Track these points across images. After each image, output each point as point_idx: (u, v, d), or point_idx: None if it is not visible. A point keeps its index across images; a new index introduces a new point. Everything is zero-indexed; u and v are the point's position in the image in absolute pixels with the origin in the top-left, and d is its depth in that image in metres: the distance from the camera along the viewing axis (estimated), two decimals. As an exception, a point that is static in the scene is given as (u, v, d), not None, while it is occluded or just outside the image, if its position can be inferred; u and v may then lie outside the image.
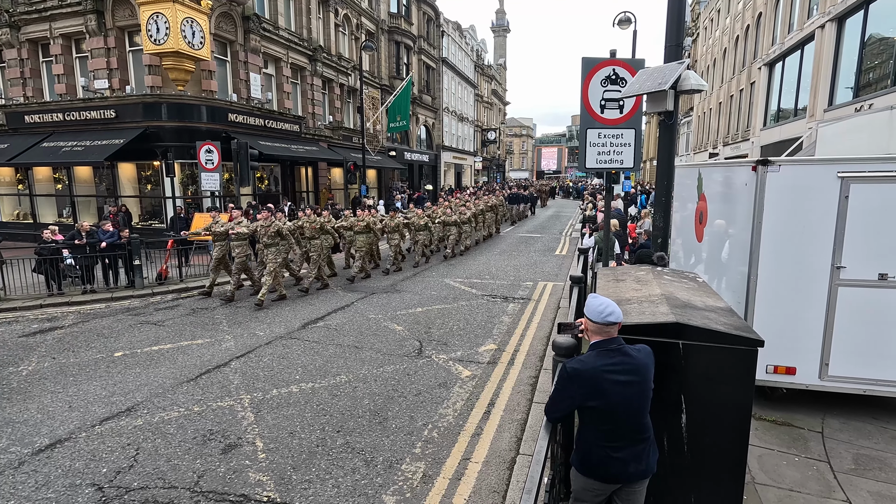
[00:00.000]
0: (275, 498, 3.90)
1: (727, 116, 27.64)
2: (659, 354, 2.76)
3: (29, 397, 5.75)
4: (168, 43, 13.96)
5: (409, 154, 32.53)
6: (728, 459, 2.96)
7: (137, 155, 15.55)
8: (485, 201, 19.74)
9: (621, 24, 15.70)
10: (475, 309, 9.25)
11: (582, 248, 8.88)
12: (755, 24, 23.00)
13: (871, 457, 4.24)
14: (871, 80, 12.49)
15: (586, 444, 2.64)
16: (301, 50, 21.00)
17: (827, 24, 14.17)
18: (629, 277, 4.16)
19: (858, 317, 4.60)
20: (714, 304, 3.42)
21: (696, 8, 38.46)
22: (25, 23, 16.94)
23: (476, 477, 4.18)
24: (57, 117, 16.45)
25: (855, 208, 4.47)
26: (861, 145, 8.97)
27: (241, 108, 16.93)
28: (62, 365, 6.75)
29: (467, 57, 45.94)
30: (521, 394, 5.73)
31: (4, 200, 19.44)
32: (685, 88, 5.31)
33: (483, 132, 52.42)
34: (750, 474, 3.94)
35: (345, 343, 7.44)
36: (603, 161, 7.32)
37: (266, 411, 5.30)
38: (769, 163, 4.66)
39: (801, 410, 4.97)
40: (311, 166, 22.39)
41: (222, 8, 16.41)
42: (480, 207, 18.06)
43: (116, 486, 4.05)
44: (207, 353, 7.08)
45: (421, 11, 33.81)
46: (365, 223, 12.09)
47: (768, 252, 4.73)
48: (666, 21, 5.75)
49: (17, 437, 4.84)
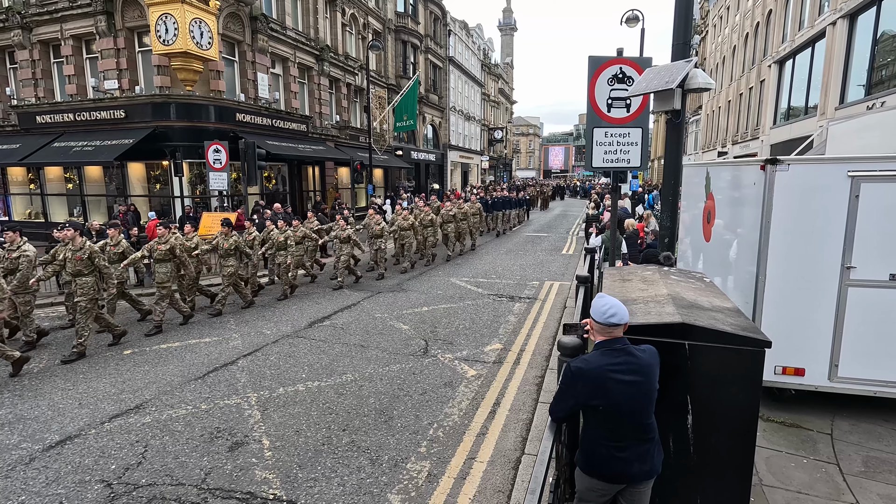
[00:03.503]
0: (281, 496, 3.93)
1: (736, 115, 27.38)
2: (665, 355, 2.74)
3: (40, 394, 5.82)
4: (177, 43, 14.06)
5: (415, 153, 32.55)
6: (735, 461, 2.93)
7: (146, 154, 15.68)
8: (446, 209, 15.39)
9: (629, 23, 15.60)
10: (481, 308, 9.24)
11: (588, 248, 8.84)
12: (765, 21, 22.76)
13: (881, 459, 4.19)
14: (884, 77, 12.32)
15: (591, 444, 2.63)
16: (308, 50, 21.07)
17: (838, 21, 13.99)
18: (635, 277, 4.13)
19: (869, 317, 4.54)
20: (721, 304, 3.40)
21: (705, 5, 38.13)
22: (37, 24, 17.13)
23: (481, 476, 4.18)
24: (68, 117, 16.62)
25: (866, 208, 4.41)
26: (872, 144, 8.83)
27: (249, 107, 17.02)
28: (72, 363, 6.82)
29: (474, 56, 45.86)
30: (526, 393, 5.72)
31: (16, 200, 19.68)
32: (693, 87, 5.28)
33: (490, 131, 52.32)
34: (757, 476, 3.91)
35: (351, 342, 7.46)
36: (610, 160, 7.29)
37: (272, 409, 5.34)
38: (778, 162, 4.61)
39: (809, 412, 4.92)
40: (319, 166, 22.47)
41: (230, 8, 16.50)
42: (432, 216, 14.24)
43: (125, 483, 4.10)
44: (215, 352, 7.13)
45: (428, 10, 33.80)
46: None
47: (777, 252, 4.68)
48: (674, 19, 5.71)
49: (28, 434, 4.91)
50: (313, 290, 10.86)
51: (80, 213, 17.75)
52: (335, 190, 23.65)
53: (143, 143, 14.95)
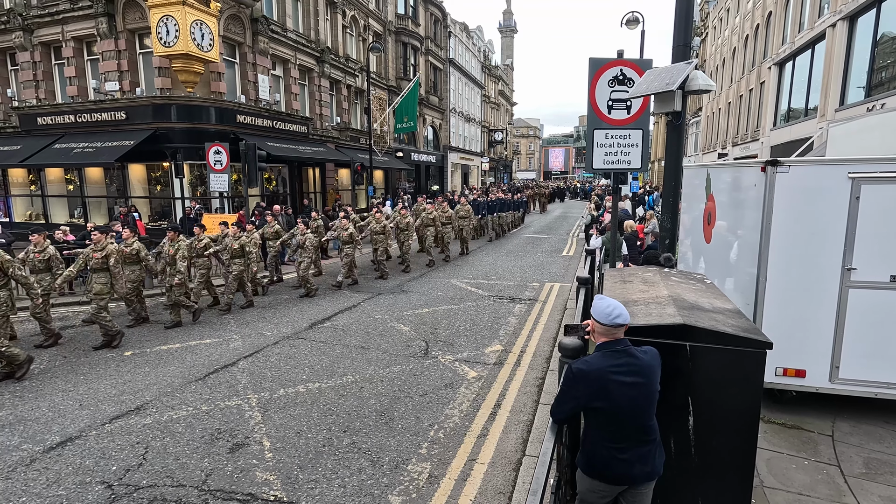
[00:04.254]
0: (281, 497, 3.92)
1: (736, 116, 27.41)
2: (666, 356, 2.74)
3: (41, 395, 5.82)
4: (178, 45, 14.08)
5: (416, 155, 32.56)
6: (736, 462, 2.93)
7: (147, 156, 15.71)
8: (426, 213, 14.05)
9: (629, 24, 15.64)
10: (481, 310, 9.24)
11: (589, 249, 8.84)
12: (765, 23, 22.80)
13: (882, 461, 4.19)
14: (884, 79, 12.34)
15: (592, 446, 2.63)
16: (309, 51, 21.11)
17: (838, 23, 14.02)
18: (636, 279, 4.13)
19: (870, 319, 4.54)
20: (722, 305, 3.40)
21: (705, 7, 38.19)
22: (38, 26, 17.17)
23: (482, 478, 4.18)
24: (69, 119, 16.65)
25: (866, 209, 4.42)
26: (873, 145, 8.85)
27: (250, 109, 17.04)
28: (73, 364, 6.83)
29: (474, 58, 45.92)
30: (527, 395, 5.72)
31: (17, 201, 19.70)
32: (693, 88, 5.29)
33: (490, 133, 52.36)
34: (758, 477, 3.90)
35: (351, 343, 7.46)
36: (610, 162, 7.29)
37: (273, 411, 5.34)
38: (779, 163, 4.62)
39: (811, 413, 4.92)
40: (319, 167, 22.49)
41: (231, 10, 16.54)
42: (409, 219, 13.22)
43: (126, 484, 4.10)
44: (216, 353, 7.13)
45: (428, 12, 33.86)
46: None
47: (777, 253, 4.68)
48: (674, 21, 5.72)
49: (29, 435, 4.91)
50: (314, 292, 10.85)
51: (80, 215, 17.77)
52: (335, 192, 23.66)
53: (143, 144, 14.98)
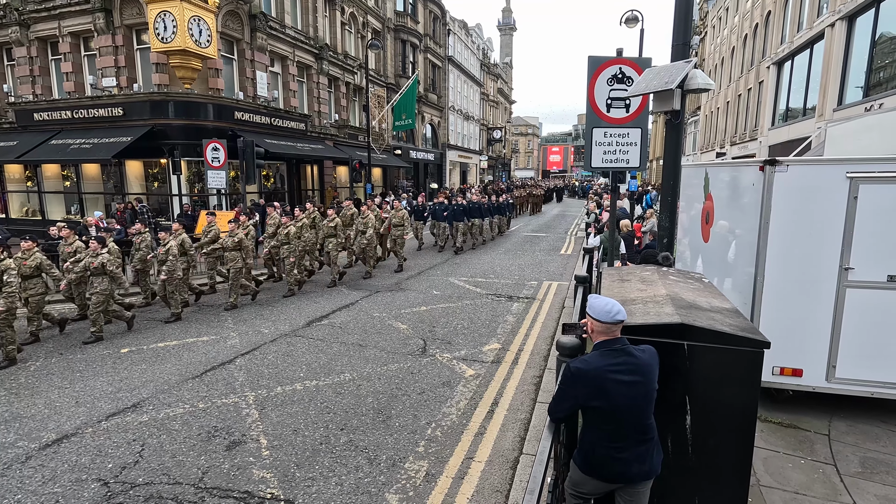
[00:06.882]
0: (278, 495, 3.92)
1: (735, 116, 27.43)
2: (664, 355, 2.74)
3: (36, 392, 5.80)
4: (175, 41, 14.02)
5: (414, 153, 32.53)
6: (733, 461, 2.94)
7: (145, 152, 15.65)
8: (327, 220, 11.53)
9: (628, 23, 15.61)
10: (479, 308, 9.24)
11: (587, 248, 8.85)
12: (764, 23, 22.80)
13: (878, 460, 4.20)
14: (882, 79, 12.35)
15: (589, 444, 2.63)
16: (307, 48, 21.04)
17: (837, 23, 14.02)
18: (634, 278, 4.13)
19: (867, 319, 4.55)
20: (720, 304, 3.40)
21: (705, 6, 38.18)
22: (35, 21, 17.06)
23: (479, 476, 4.18)
24: (65, 115, 16.57)
25: (864, 209, 4.42)
26: (871, 145, 8.86)
27: (248, 106, 16.99)
28: (69, 361, 6.81)
29: (473, 55, 45.85)
30: (524, 393, 5.72)
31: (13, 197, 19.61)
32: (692, 87, 5.28)
33: (489, 131, 52.33)
34: (755, 476, 3.91)
35: (349, 341, 7.45)
36: (609, 160, 7.28)
37: (270, 408, 5.32)
38: (777, 163, 4.62)
39: (807, 413, 4.93)
40: (317, 164, 22.45)
41: (229, 6, 16.46)
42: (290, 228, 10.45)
43: (122, 482, 4.08)
44: (213, 350, 7.12)
45: (427, 10, 33.78)
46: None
47: (775, 253, 4.69)
48: (673, 19, 5.71)
49: (24, 432, 4.89)
50: (311, 289, 10.83)
51: (77, 211, 17.70)
52: (334, 189, 23.62)
53: (141, 140, 14.91)
